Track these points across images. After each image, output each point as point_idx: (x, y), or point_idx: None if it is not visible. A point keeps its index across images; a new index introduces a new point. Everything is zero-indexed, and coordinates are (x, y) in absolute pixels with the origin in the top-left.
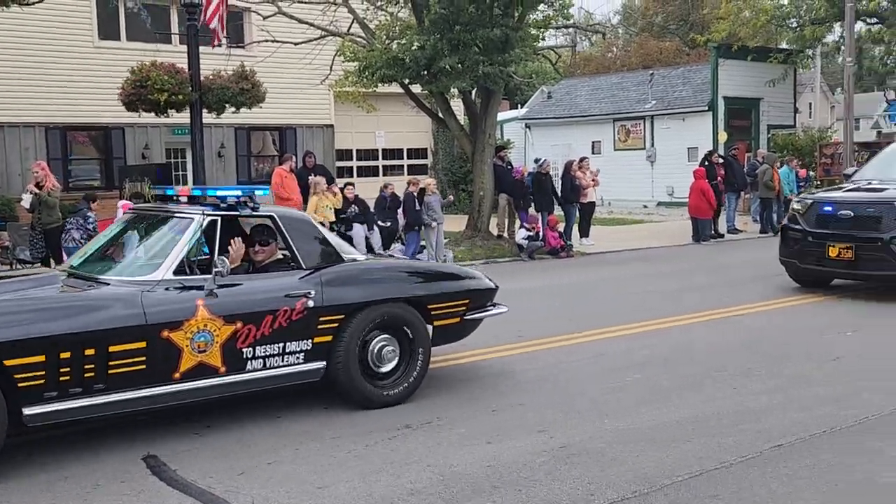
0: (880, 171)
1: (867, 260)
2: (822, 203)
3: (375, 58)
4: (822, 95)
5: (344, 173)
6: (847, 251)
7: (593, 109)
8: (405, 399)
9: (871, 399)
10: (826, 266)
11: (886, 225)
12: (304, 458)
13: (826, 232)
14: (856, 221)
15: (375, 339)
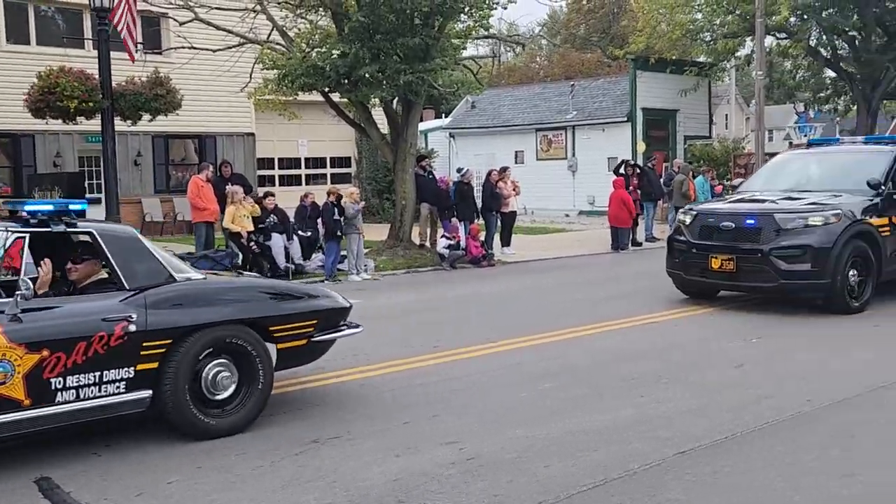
0: (765, 182)
1: (748, 271)
2: (706, 215)
3: (295, 66)
4: (737, 107)
5: (266, 182)
6: (729, 263)
7: (516, 119)
8: (245, 428)
9: (772, 405)
10: (709, 278)
11: (766, 237)
12: (206, 477)
13: (709, 243)
14: (737, 233)
15: (209, 364)
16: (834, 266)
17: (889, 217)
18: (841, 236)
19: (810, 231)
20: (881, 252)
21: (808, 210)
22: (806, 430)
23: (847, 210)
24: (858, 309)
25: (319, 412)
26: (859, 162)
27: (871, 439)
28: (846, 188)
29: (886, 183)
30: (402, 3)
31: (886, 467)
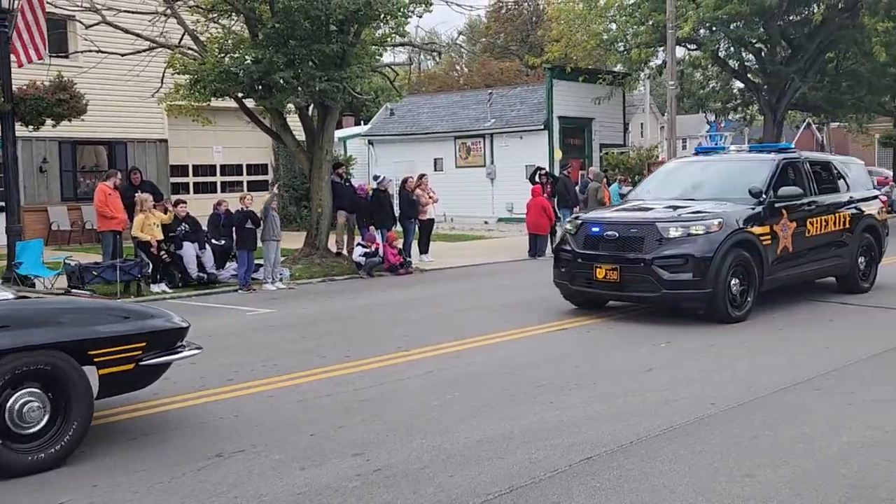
0: (653, 191)
1: (632, 281)
2: (590, 224)
3: (207, 71)
4: (651, 116)
5: (180, 190)
6: (613, 272)
7: (435, 127)
8: (61, 462)
9: (678, 408)
10: (594, 288)
11: (649, 246)
12: (103, 495)
13: (593, 253)
14: (621, 242)
15: (14, 395)
16: (715, 275)
17: (770, 225)
18: (722, 245)
19: (692, 240)
20: (763, 261)
21: (689, 219)
22: (709, 433)
23: (729, 219)
24: (740, 318)
25: (224, 425)
26: (743, 170)
27: (772, 440)
28: (730, 197)
29: (768, 191)
30: (317, 9)
31: (783, 467)
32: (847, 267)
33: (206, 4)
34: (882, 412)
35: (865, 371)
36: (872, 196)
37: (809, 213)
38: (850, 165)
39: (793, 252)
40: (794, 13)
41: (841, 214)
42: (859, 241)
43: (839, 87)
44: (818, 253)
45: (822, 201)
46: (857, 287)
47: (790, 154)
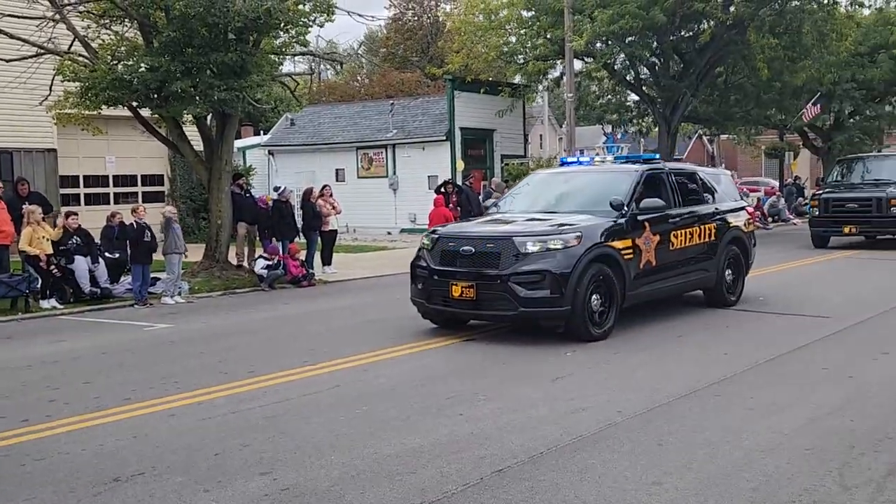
0: (517, 202)
1: (489, 299)
2: (447, 239)
3: (99, 79)
4: (550, 128)
5: (70, 201)
6: (469, 290)
7: (337, 137)
8: None
9: (586, 417)
10: (452, 306)
11: (505, 262)
12: None
13: (450, 269)
14: (477, 258)
15: None
16: (574, 292)
17: (632, 239)
18: (581, 260)
19: (550, 255)
20: (625, 275)
21: (547, 233)
22: (617, 441)
23: (589, 232)
24: (601, 336)
25: (122, 447)
26: (606, 182)
27: (677, 447)
28: (593, 209)
29: (630, 204)
30: (215, 17)
31: (689, 473)
32: (713, 280)
33: (97, 10)
34: (780, 415)
35: (763, 376)
36: (739, 207)
37: (673, 226)
38: (717, 176)
39: (656, 266)
40: (685, 29)
41: (706, 226)
42: (725, 253)
43: (728, 101)
44: (683, 266)
45: (687, 213)
46: (724, 300)
47: (654, 165)
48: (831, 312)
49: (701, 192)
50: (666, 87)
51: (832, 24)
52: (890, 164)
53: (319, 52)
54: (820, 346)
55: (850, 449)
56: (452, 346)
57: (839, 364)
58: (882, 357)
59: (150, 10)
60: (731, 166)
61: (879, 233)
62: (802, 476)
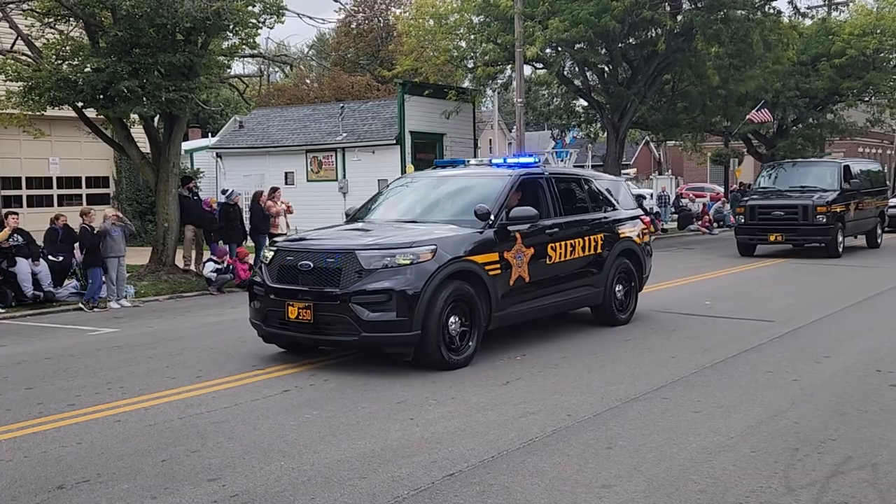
0: (379, 209)
1: (328, 322)
2: (285, 252)
3: (43, 78)
4: (500, 132)
5: (12, 203)
6: (306, 311)
7: (286, 140)
8: None
9: (535, 421)
10: (289, 329)
11: (347, 279)
12: None
13: (287, 287)
14: (316, 274)
15: None
16: (425, 314)
17: (500, 252)
18: (434, 278)
19: (398, 272)
20: (490, 294)
21: (396, 246)
22: (567, 444)
23: (446, 245)
24: (461, 363)
25: (67, 454)
26: (476, 188)
27: (626, 450)
28: (460, 218)
29: (499, 213)
30: (163, 17)
31: (638, 476)
32: (601, 296)
33: (41, 8)
34: (726, 418)
35: (709, 379)
36: (632, 216)
37: (551, 237)
38: (607, 183)
39: (530, 282)
40: (633, 37)
41: (592, 238)
42: (615, 267)
43: (675, 108)
44: (564, 282)
45: (569, 223)
46: (614, 318)
47: (531, 170)
48: (775, 316)
49: (588, 200)
50: (614, 94)
51: (777, 34)
52: (817, 170)
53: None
54: (764, 350)
55: (795, 451)
56: None
57: (783, 367)
58: (824, 360)
59: (96, 9)
60: (677, 172)
61: (806, 241)
62: (749, 478)
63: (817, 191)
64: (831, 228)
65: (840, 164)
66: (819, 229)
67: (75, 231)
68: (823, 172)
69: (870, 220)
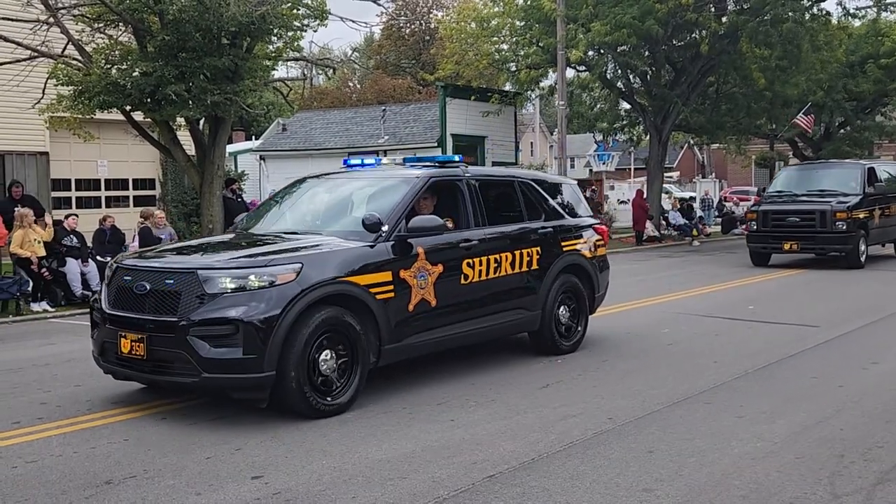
0: (270, 216)
1: (163, 359)
2: (124, 270)
3: (93, 83)
4: (541, 135)
5: (62, 205)
6: (139, 345)
7: (328, 143)
8: None
9: (576, 424)
10: (125, 365)
11: (186, 305)
12: None
13: (119, 314)
14: (152, 299)
15: None
16: (282, 350)
17: (395, 271)
18: (294, 304)
19: (248, 297)
20: (379, 323)
21: (248, 265)
22: (608, 448)
23: (317, 262)
24: (335, 410)
25: (114, 450)
26: (377, 191)
27: (668, 454)
28: (348, 229)
29: (397, 223)
30: (209, 22)
31: (679, 480)
32: (537, 321)
33: (91, 14)
34: (770, 423)
35: (752, 384)
36: (580, 226)
37: (468, 252)
38: (553, 186)
39: (439, 306)
40: (677, 39)
41: (525, 252)
42: (557, 286)
43: (719, 110)
44: (486, 305)
45: (495, 235)
46: (554, 346)
47: (445, 171)
48: (820, 321)
49: (523, 207)
50: (657, 96)
51: (825, 36)
52: (837, 173)
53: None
54: (809, 355)
55: (840, 458)
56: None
57: (828, 373)
58: (871, 366)
59: (144, 14)
60: (721, 175)
61: (824, 250)
62: (792, 484)
63: (837, 195)
64: (852, 236)
65: (864, 165)
66: (838, 237)
67: (122, 232)
68: (845, 175)
69: None
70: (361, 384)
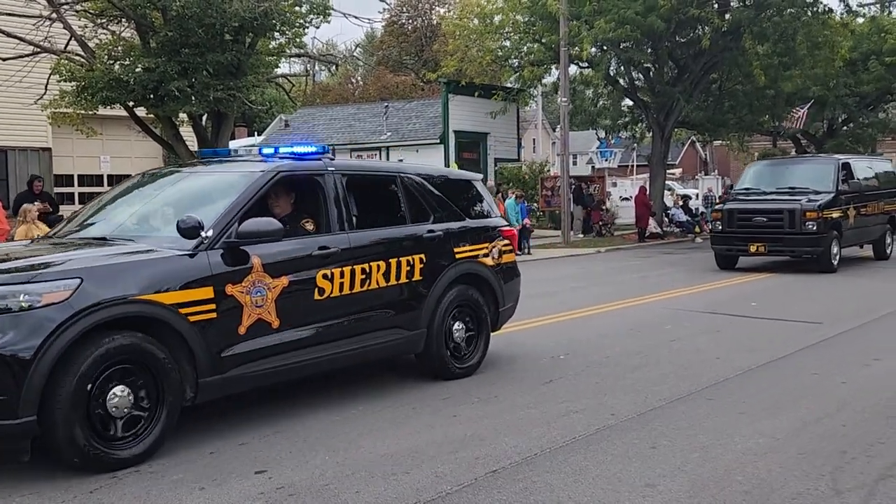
0: (101, 216)
1: None
2: None
3: (96, 78)
4: (544, 132)
5: (65, 200)
6: None
7: (331, 139)
8: None
9: (579, 419)
10: None
11: None
12: None
13: None
14: None
15: None
16: (45, 392)
17: (219, 286)
18: (63, 331)
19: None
20: (194, 352)
21: (4, 282)
22: (611, 444)
23: (107, 276)
24: (132, 461)
25: None
26: (213, 189)
27: (670, 450)
28: (170, 234)
29: (227, 227)
30: (212, 17)
31: (682, 476)
32: (421, 341)
33: (94, 9)
34: (772, 419)
35: (755, 381)
36: (481, 229)
37: (325, 261)
38: (449, 183)
39: (282, 328)
40: (680, 35)
41: (404, 260)
42: (449, 299)
43: (722, 107)
44: (350, 325)
45: (362, 240)
46: (446, 370)
47: (301, 164)
48: (822, 318)
49: (405, 206)
50: (660, 93)
51: (827, 33)
52: (808, 168)
53: (315, 53)
54: (811, 352)
55: (843, 454)
56: None
57: (831, 370)
58: (874, 363)
59: (147, 10)
60: (723, 172)
61: (793, 252)
62: (795, 480)
63: (808, 193)
64: (823, 238)
65: (837, 161)
66: (808, 239)
67: None
68: (817, 171)
69: (877, 228)
70: (169, 426)
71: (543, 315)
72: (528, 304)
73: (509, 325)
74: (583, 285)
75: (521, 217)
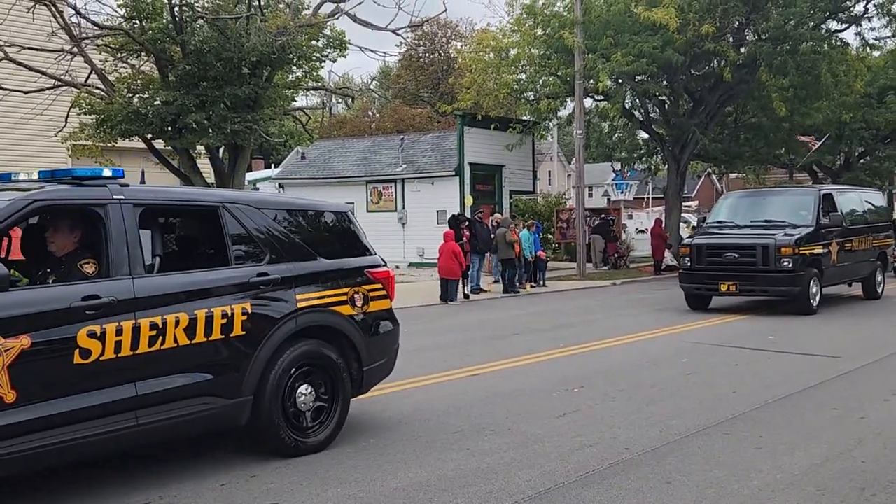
0: None
1: None
2: None
3: (115, 111)
4: (559, 164)
5: None
6: None
7: (347, 171)
8: None
9: (593, 454)
10: None
11: None
12: None
13: None
14: None
15: None
16: None
17: None
18: None
19: None
20: None
21: None
22: (625, 478)
23: None
24: None
25: (130, 476)
26: None
27: (686, 485)
28: None
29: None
30: (230, 52)
31: None
32: (244, 411)
33: (114, 44)
34: (790, 455)
35: (772, 415)
36: (338, 270)
37: (93, 315)
38: (297, 213)
39: (19, 403)
40: (696, 68)
41: (217, 311)
42: (288, 359)
43: (738, 140)
44: (129, 396)
45: (153, 287)
46: (286, 445)
47: (78, 191)
48: (841, 353)
49: (228, 244)
50: (676, 126)
51: (846, 67)
52: (786, 200)
53: (331, 86)
54: (830, 386)
55: (862, 490)
56: (453, 382)
57: (850, 404)
58: (893, 398)
59: (166, 44)
60: None
61: (766, 291)
62: None
63: (785, 226)
64: (800, 276)
65: (818, 191)
66: (783, 277)
67: None
68: (795, 203)
69: (865, 265)
70: None
71: (558, 347)
72: (541, 337)
73: (520, 358)
74: (598, 318)
75: (535, 249)
